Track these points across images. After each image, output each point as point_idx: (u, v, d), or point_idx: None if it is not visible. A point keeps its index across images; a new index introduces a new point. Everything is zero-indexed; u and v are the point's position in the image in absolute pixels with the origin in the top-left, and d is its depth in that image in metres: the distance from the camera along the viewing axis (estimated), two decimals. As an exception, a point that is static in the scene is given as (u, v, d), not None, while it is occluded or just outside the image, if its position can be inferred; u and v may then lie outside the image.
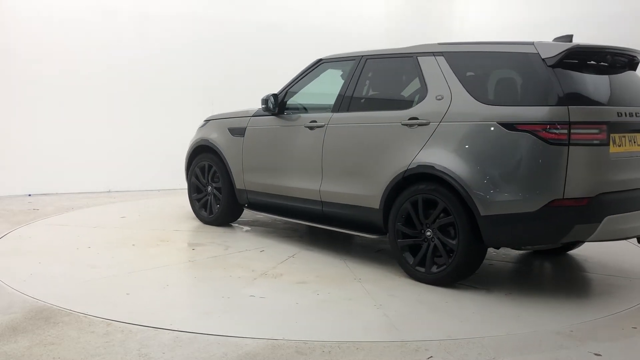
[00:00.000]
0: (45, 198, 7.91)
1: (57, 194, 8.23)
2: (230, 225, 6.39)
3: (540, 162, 3.87)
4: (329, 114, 5.17)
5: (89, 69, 8.41)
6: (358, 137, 4.88)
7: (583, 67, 4.07)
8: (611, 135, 3.90)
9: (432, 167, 4.26)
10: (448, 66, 4.42)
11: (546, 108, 3.86)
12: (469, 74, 4.38)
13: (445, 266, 4.24)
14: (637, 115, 4.11)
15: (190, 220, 6.58)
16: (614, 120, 3.94)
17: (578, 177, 3.81)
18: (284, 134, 5.55)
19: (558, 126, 3.79)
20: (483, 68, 4.40)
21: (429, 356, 3.11)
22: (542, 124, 3.84)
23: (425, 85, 4.52)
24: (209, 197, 6.43)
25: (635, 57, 4.38)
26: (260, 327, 3.50)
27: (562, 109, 3.82)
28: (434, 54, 4.55)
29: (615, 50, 4.22)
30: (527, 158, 3.92)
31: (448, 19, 10.03)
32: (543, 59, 3.96)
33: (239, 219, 6.48)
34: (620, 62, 4.26)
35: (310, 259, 5.09)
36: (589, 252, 5.44)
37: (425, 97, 4.48)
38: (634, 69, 4.44)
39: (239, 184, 6.00)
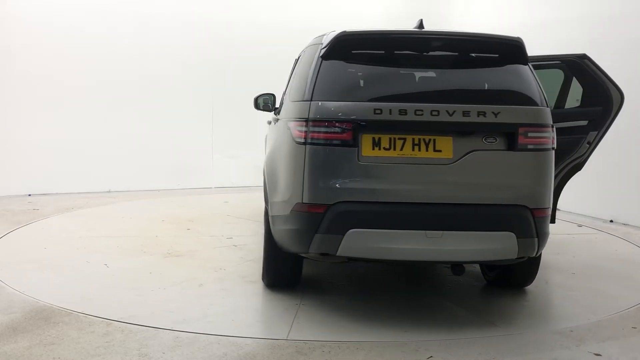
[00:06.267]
0: (45, 198, 7.90)
1: (57, 194, 8.23)
2: None
3: (289, 163, 3.56)
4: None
5: (89, 69, 8.42)
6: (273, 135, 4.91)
7: (359, 57, 3.59)
8: (365, 135, 3.35)
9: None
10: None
11: (298, 104, 3.57)
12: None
13: None
14: (419, 113, 3.33)
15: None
16: (369, 118, 3.33)
17: (315, 181, 3.39)
18: (267, 131, 5.68)
19: (301, 124, 3.45)
20: (306, 61, 4.00)
21: (429, 356, 3.10)
22: (292, 121, 3.57)
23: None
24: None
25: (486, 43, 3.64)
26: (55, 282, 4.21)
27: (305, 105, 3.45)
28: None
29: (420, 36, 3.62)
30: (285, 157, 3.64)
31: (448, 19, 10.02)
32: (320, 50, 3.60)
33: None
34: (441, 49, 3.65)
35: (244, 249, 5.32)
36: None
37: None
38: (520, 60, 3.59)
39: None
